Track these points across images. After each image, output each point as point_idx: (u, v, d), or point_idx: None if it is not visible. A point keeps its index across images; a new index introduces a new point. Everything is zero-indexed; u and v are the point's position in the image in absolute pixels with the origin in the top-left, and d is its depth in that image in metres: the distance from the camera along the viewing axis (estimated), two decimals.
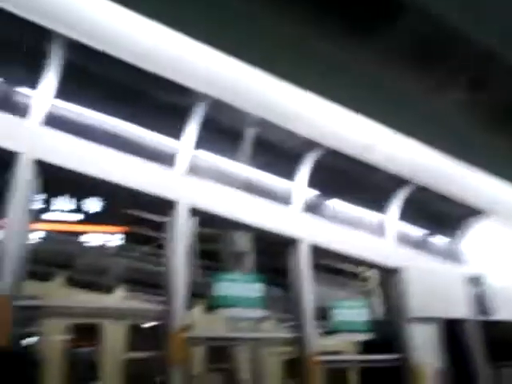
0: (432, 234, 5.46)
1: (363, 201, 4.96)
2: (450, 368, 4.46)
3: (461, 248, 5.25)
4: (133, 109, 3.91)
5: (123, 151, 3.61)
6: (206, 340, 4.17)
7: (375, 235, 4.86)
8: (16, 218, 2.97)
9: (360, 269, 8.93)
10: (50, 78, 3.27)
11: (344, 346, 6.78)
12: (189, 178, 3.88)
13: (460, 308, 4.72)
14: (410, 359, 4.28)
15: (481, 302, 4.79)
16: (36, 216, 4.07)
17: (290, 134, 4.12)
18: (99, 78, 3.61)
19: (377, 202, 4.97)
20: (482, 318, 4.83)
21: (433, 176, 4.45)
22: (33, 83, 3.30)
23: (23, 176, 3.04)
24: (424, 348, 4.35)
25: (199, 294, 7.51)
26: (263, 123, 4.16)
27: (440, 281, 4.65)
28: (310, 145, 4.31)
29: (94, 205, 5.51)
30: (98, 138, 3.56)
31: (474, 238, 5.22)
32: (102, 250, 6.42)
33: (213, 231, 7.46)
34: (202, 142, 4.14)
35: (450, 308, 4.65)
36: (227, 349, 6.91)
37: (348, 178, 4.80)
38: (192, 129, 3.90)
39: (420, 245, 5.20)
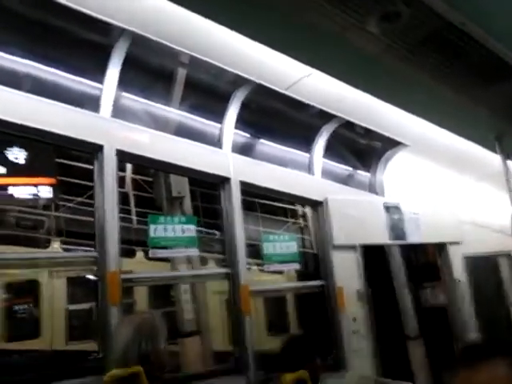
0: (356, 167, 5.83)
1: (292, 139, 5.17)
2: (372, 290, 4.94)
3: (380, 179, 5.66)
4: (48, 48, 3.69)
5: (43, 95, 3.41)
6: (144, 280, 4.27)
7: (303, 171, 5.10)
8: None
9: (296, 207, 9.40)
10: None
11: (279, 278, 7.29)
12: (115, 122, 3.77)
13: (379, 235, 5.16)
14: (333, 284, 4.66)
15: (398, 228, 5.27)
16: None
17: (218, 72, 4.07)
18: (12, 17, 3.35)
19: (303, 139, 5.19)
20: (399, 242, 5.33)
21: (355, 111, 4.65)
22: None
23: None
24: (347, 273, 4.76)
25: (139, 241, 7.61)
26: (190, 61, 4.09)
27: (360, 211, 5.03)
28: (237, 83, 4.31)
29: (17, 155, 5.21)
30: (13, 82, 3.34)
31: (393, 169, 5.63)
32: (31, 202, 6.19)
33: (147, 177, 7.44)
34: (128, 84, 4.03)
35: (369, 235, 5.08)
36: (170, 292, 7.17)
37: (276, 117, 4.95)
38: (115, 68, 3.75)
39: (344, 179, 5.57)
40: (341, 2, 2.98)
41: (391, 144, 5.45)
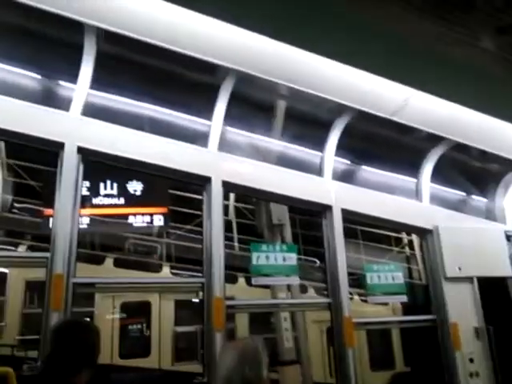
0: (470, 192, 5.37)
1: (396, 164, 4.95)
2: (490, 326, 4.43)
3: (499, 205, 5.12)
4: (163, 91, 4.07)
5: (158, 133, 3.75)
6: (246, 306, 4.34)
7: (410, 198, 4.84)
8: (65, 204, 3.20)
9: (402, 234, 8.91)
10: (86, 69, 3.46)
11: (383, 310, 6.91)
12: (221, 155, 3.99)
13: (499, 266, 4.65)
14: (446, 319, 4.30)
15: None
16: (83, 202, 4.34)
17: (318, 102, 4.11)
18: (130, 65, 3.80)
19: (410, 163, 4.94)
20: None
21: (468, 132, 4.33)
22: (69, 75, 3.51)
23: (69, 164, 3.26)
24: (462, 307, 4.35)
25: (241, 267, 7.83)
26: (291, 93, 4.20)
27: (477, 239, 4.59)
28: (338, 111, 4.30)
29: (136, 187, 5.74)
30: (134, 123, 3.71)
31: None
32: (147, 230, 6.74)
33: (250, 206, 7.67)
34: (232, 118, 4.25)
35: (488, 266, 4.60)
36: (270, 319, 7.21)
37: (379, 142, 4.80)
38: (221, 106, 4.00)
39: (458, 204, 5.14)
40: (448, 19, 2.85)
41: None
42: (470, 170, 5.30)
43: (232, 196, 8.09)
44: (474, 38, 3.00)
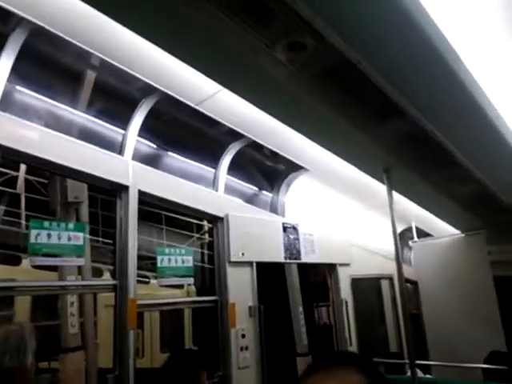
0: (260, 187, 6.02)
1: (198, 153, 5.17)
2: (265, 307, 5.06)
3: (281, 200, 5.89)
4: None
5: None
6: (21, 289, 3.89)
7: (207, 187, 5.11)
8: None
9: (204, 222, 9.38)
10: None
11: (178, 293, 7.17)
12: (5, 116, 3.45)
13: (276, 253, 5.34)
14: (226, 300, 4.72)
15: (294, 248, 5.50)
16: None
17: (127, 78, 3.94)
18: None
19: (211, 154, 5.22)
20: (293, 262, 5.55)
21: (263, 133, 4.79)
22: None
23: None
24: (241, 289, 4.84)
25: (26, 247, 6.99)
26: (96, 62, 3.93)
27: (260, 229, 5.18)
28: (146, 91, 4.22)
29: None
30: None
31: (294, 192, 5.90)
32: None
33: (42, 179, 6.91)
34: (26, 79, 3.74)
35: (266, 253, 5.24)
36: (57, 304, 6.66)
37: (185, 130, 4.93)
38: (7, 59, 3.44)
39: (249, 197, 5.71)
40: (251, 26, 3.06)
41: (294, 167, 5.71)
42: (262, 167, 5.94)
43: (23, 167, 7.13)
44: (270, 49, 3.27)
